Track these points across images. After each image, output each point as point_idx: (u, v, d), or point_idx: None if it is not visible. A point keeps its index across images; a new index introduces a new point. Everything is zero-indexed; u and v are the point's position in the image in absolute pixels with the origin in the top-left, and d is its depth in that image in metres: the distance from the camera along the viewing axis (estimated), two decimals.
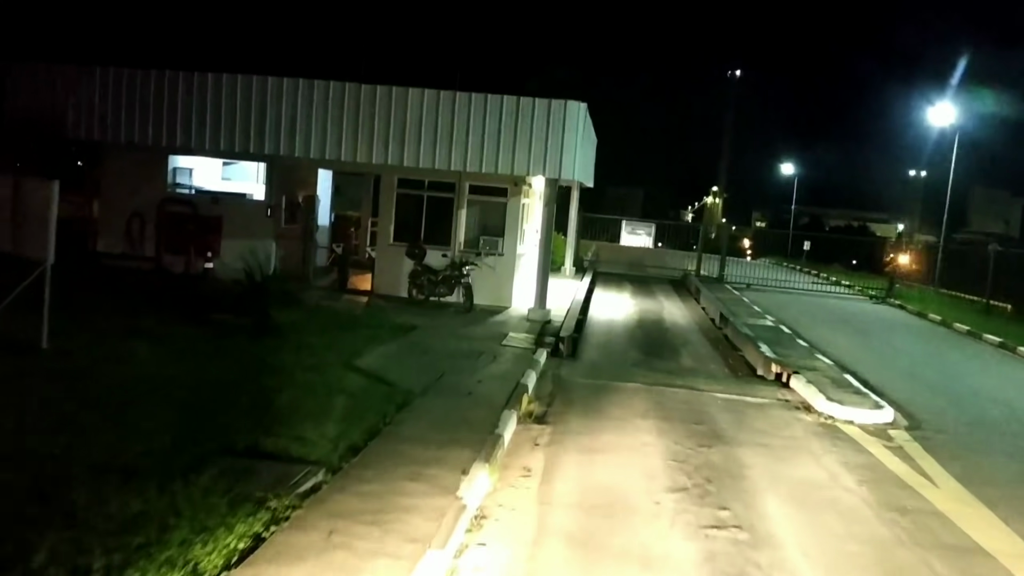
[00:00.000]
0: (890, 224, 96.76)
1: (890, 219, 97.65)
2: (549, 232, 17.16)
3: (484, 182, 18.41)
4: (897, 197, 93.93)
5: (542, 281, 17.03)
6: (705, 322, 19.59)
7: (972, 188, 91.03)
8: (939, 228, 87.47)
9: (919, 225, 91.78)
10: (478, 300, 18.19)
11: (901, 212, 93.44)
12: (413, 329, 14.66)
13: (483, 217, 18.77)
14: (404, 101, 16.63)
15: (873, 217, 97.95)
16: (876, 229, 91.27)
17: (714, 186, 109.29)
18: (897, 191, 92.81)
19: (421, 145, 16.64)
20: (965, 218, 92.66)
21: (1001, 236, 79.00)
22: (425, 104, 16.59)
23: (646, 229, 28.18)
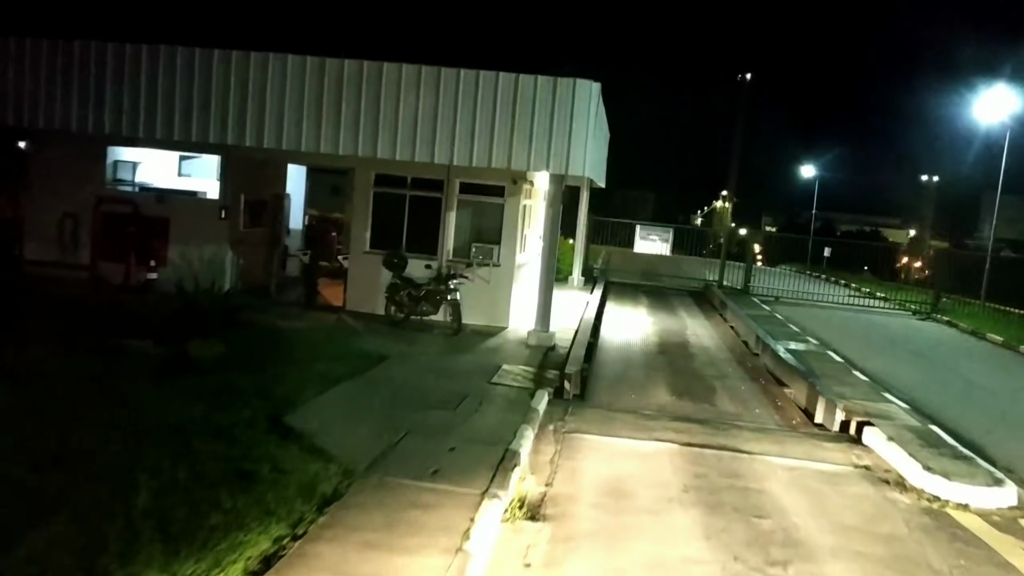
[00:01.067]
0: (902, 229, 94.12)
1: (902, 224, 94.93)
2: (554, 239, 14.08)
3: (478, 179, 15.37)
4: (908, 202, 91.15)
5: (545, 297, 13.97)
6: (737, 346, 16.47)
7: (985, 193, 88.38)
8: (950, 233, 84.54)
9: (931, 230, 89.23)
10: (469, 319, 15.14)
11: (913, 217, 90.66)
12: (382, 360, 11.62)
13: (476, 221, 15.72)
14: (378, 78, 13.55)
15: (885, 222, 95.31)
16: (888, 234, 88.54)
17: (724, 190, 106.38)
18: (909, 195, 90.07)
19: (399, 132, 13.56)
20: (977, 224, 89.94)
21: (1014, 242, 75.97)
22: (404, 82, 13.51)
23: (662, 235, 25.08)
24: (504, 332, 14.91)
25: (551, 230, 13.98)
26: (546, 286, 13.95)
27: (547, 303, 13.96)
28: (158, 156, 16.74)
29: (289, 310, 14.96)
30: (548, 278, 13.95)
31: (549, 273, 13.96)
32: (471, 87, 13.34)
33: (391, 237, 15.61)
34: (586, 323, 16.28)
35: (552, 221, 13.95)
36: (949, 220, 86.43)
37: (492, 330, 14.92)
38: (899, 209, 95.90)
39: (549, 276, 13.96)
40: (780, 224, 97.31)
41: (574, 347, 13.63)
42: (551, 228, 13.98)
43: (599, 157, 17.77)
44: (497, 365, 12.07)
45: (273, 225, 17.53)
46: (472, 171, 14.99)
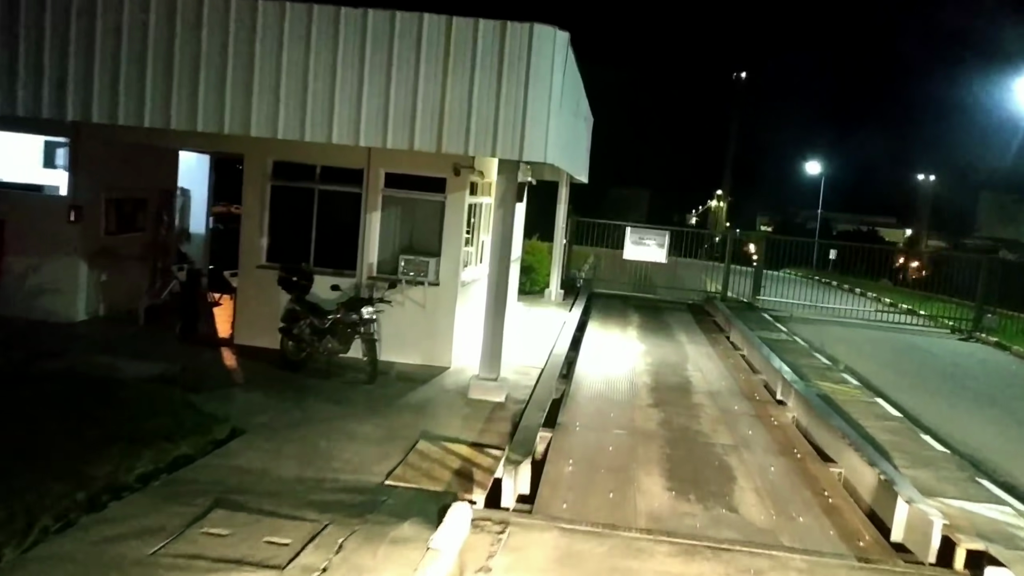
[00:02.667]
0: (899, 229, 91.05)
1: (898, 223, 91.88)
2: (505, 249, 9.96)
3: (409, 168, 11.31)
4: (904, 201, 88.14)
5: (493, 331, 9.91)
6: (754, 387, 12.38)
7: (980, 193, 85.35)
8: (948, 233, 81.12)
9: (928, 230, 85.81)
10: (399, 357, 11.14)
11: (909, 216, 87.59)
12: (230, 439, 7.54)
13: (409, 224, 11.68)
14: (250, 21, 9.40)
15: (881, 221, 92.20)
16: (885, 233, 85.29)
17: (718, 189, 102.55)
18: (905, 194, 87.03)
19: (284, 99, 9.42)
20: (974, 223, 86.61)
21: (1011, 242, 72.40)
22: (289, 26, 9.40)
23: (657, 239, 20.95)
24: (443, 376, 10.87)
25: (500, 240, 9.90)
26: (493, 316, 9.89)
27: (495, 339, 9.90)
28: (14, 141, 12.63)
29: (152, 347, 10.90)
30: (496, 305, 9.89)
31: (498, 298, 9.89)
32: (383, 35, 9.23)
33: (295, 246, 11.55)
34: (556, 359, 12.21)
35: (502, 226, 9.86)
36: (946, 219, 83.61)
37: (427, 373, 10.89)
38: (895, 208, 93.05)
39: (498, 303, 9.90)
40: (776, 224, 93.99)
41: (532, 404, 9.59)
42: (500, 237, 9.90)
43: (573, 141, 13.67)
44: (412, 440, 8.05)
45: (157, 231, 13.47)
46: (401, 157, 10.97)
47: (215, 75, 9.30)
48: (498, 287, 9.86)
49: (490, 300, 9.89)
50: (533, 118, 9.19)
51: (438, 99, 9.19)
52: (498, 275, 9.86)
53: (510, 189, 9.80)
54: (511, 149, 9.25)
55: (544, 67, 9.22)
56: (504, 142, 9.23)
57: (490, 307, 9.90)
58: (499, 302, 9.87)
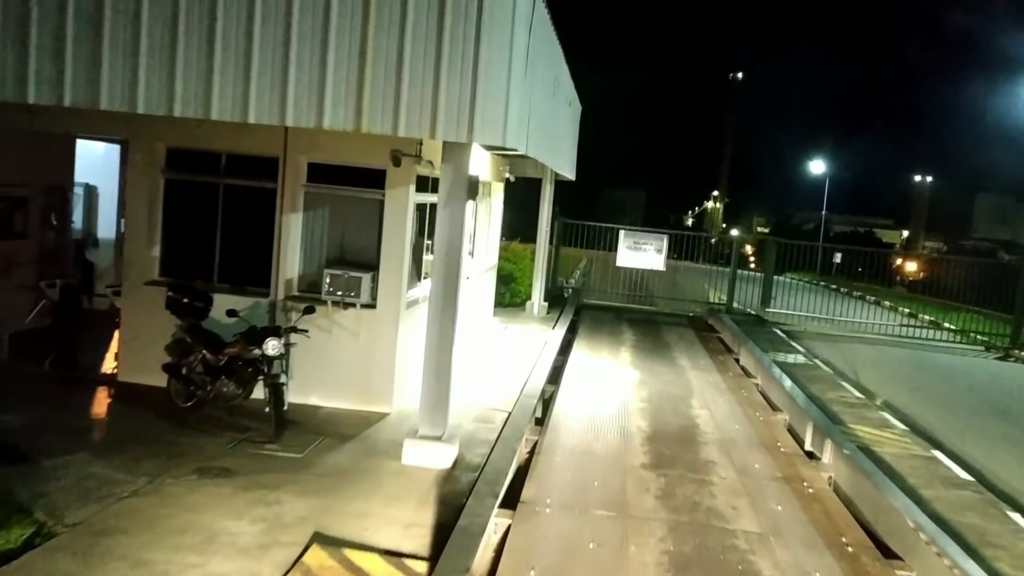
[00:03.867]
0: (895, 230, 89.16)
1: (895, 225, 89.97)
2: (452, 260, 7.31)
3: (338, 157, 8.77)
4: (901, 202, 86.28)
5: (437, 371, 7.37)
6: (776, 433, 9.79)
7: (977, 195, 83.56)
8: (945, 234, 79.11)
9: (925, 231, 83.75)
10: (327, 399, 8.61)
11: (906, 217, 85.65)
12: (25, 549, 5.09)
13: (339, 229, 9.13)
14: None
15: (878, 223, 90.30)
16: (882, 235, 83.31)
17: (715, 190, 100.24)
18: (901, 196, 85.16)
19: (181, 63, 6.91)
20: (971, 225, 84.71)
21: (1008, 244, 70.25)
22: None
23: (655, 243, 18.39)
24: (378, 427, 8.32)
25: (445, 249, 7.33)
26: (437, 353, 7.32)
27: (440, 383, 7.35)
28: None
29: (6, 387, 8.35)
30: (440, 338, 7.32)
31: (443, 328, 7.32)
32: None
33: (196, 257, 9.01)
34: (529, 397, 9.64)
35: (448, 231, 7.31)
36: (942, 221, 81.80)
37: (358, 423, 8.35)
38: (891, 209, 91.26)
39: (443, 335, 7.33)
40: (772, 225, 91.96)
41: (488, 472, 7.05)
42: (446, 245, 7.34)
43: (551, 126, 11.05)
44: (301, 544, 5.52)
45: (43, 236, 10.91)
46: (327, 142, 8.46)
47: (86, 33, 6.73)
48: (443, 314, 7.31)
49: (433, 331, 7.33)
50: (487, 88, 6.64)
51: (355, 62, 6.64)
52: (443, 297, 7.30)
53: (459, 183, 7.24)
54: (456, 128, 6.69)
55: (502, 19, 6.66)
56: (447, 119, 6.67)
57: (433, 340, 7.34)
58: (444, 334, 7.32)
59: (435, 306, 7.31)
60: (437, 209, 7.30)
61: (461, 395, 9.51)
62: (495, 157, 13.69)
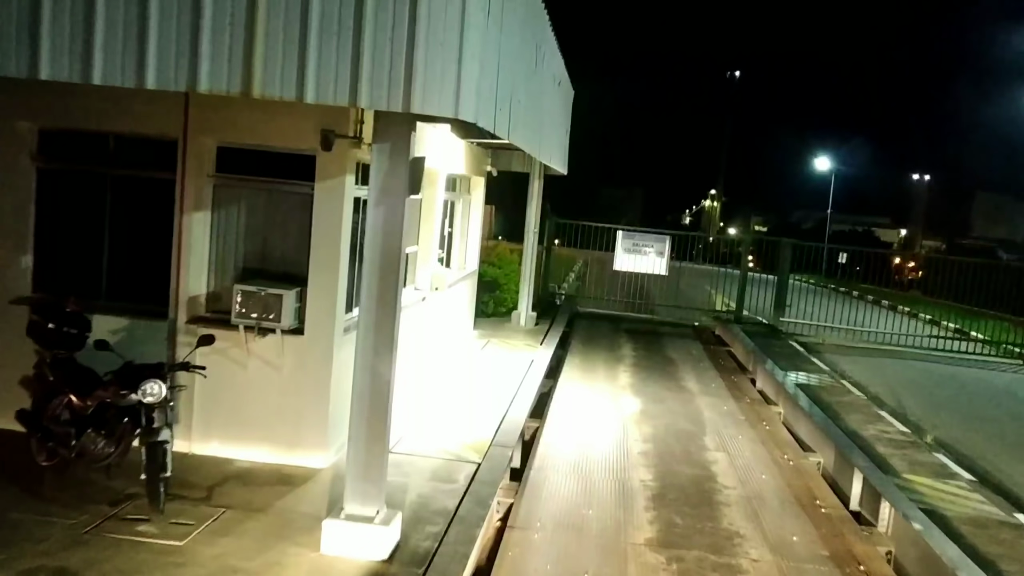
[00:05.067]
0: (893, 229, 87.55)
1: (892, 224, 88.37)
2: (388, 272, 5.25)
3: (255, 139, 6.79)
4: (898, 201, 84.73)
5: (369, 425, 5.37)
6: (811, 484, 7.80)
7: (976, 194, 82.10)
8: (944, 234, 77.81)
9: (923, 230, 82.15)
10: (243, 449, 6.64)
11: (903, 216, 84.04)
12: None
13: (259, 232, 7.16)
14: None
15: (876, 222, 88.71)
16: (880, 234, 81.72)
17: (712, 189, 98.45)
18: (899, 194, 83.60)
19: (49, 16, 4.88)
20: (969, 224, 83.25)
21: (1007, 243, 68.61)
22: None
23: (657, 245, 16.39)
24: (303, 490, 6.33)
25: (379, 258, 5.36)
26: (370, 400, 5.34)
27: (372, 443, 5.37)
28: None
29: None
30: (372, 380, 5.34)
31: (375, 367, 5.33)
32: None
33: (78, 268, 7.05)
34: (504, 442, 7.66)
35: (382, 236, 5.32)
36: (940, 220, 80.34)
37: (281, 480, 6.37)
38: (889, 208, 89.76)
39: (375, 375, 5.34)
40: (771, 225, 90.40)
41: (439, 565, 5.10)
42: (379, 254, 5.36)
43: (534, 107, 8.89)
44: None
45: None
46: (240, 119, 6.48)
47: None
48: (376, 349, 5.30)
49: (362, 372, 5.33)
50: (432, 36, 4.66)
51: (243, 1, 4.66)
52: (376, 327, 5.29)
53: (398, 170, 5.23)
54: (387, 93, 4.69)
55: None
56: (374, 80, 4.68)
57: (362, 385, 5.34)
58: (378, 375, 5.32)
59: (365, 339, 5.32)
60: (368, 207, 5.31)
61: (418, 438, 7.55)
62: (472, 147, 11.71)
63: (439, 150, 9.42)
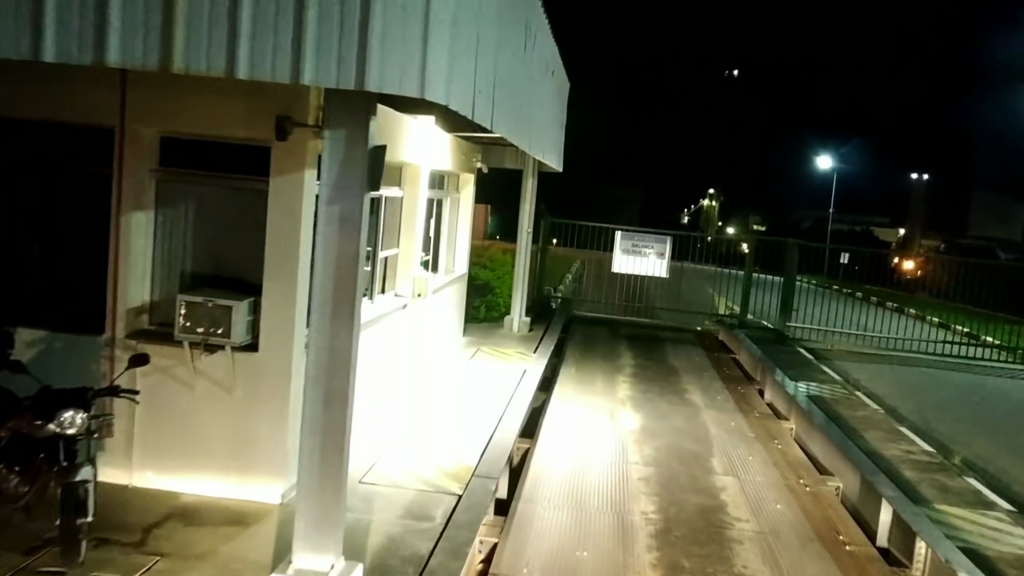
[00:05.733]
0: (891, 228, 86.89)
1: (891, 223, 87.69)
2: (346, 289, 4.42)
3: (201, 127, 5.95)
4: (897, 200, 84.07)
5: (322, 463, 4.48)
6: (833, 515, 6.88)
7: (974, 193, 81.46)
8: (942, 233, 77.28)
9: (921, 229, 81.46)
10: (190, 482, 5.77)
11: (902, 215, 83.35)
12: None
13: (208, 235, 6.33)
14: None
15: (874, 221, 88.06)
16: (878, 233, 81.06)
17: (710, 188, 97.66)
18: (897, 193, 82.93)
19: None
20: (967, 223, 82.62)
21: (1005, 242, 67.92)
22: None
23: (657, 246, 15.56)
24: (254, 531, 5.49)
25: (333, 267, 4.52)
26: (321, 431, 4.49)
27: (328, 482, 4.56)
28: None
29: None
30: (326, 408, 4.50)
31: (329, 394, 4.48)
32: None
33: (2, 276, 6.22)
34: (486, 480, 6.79)
35: (337, 238, 4.48)
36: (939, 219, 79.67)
37: (231, 519, 5.52)
38: (887, 208, 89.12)
39: (329, 403, 4.51)
40: (769, 224, 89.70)
41: None
42: (333, 260, 4.52)
43: (524, 95, 8.04)
44: None
45: None
46: (182, 104, 5.64)
47: None
48: (331, 370, 4.47)
49: (314, 401, 4.50)
50: (390, 2, 3.83)
51: None
52: (330, 342, 4.46)
53: (353, 160, 4.39)
54: (337, 67, 3.85)
55: None
56: (321, 51, 3.84)
57: (314, 413, 4.50)
58: (333, 402, 4.48)
59: (317, 361, 4.47)
60: (319, 204, 4.47)
61: (393, 464, 6.71)
62: (460, 142, 10.87)
63: (422, 144, 8.58)
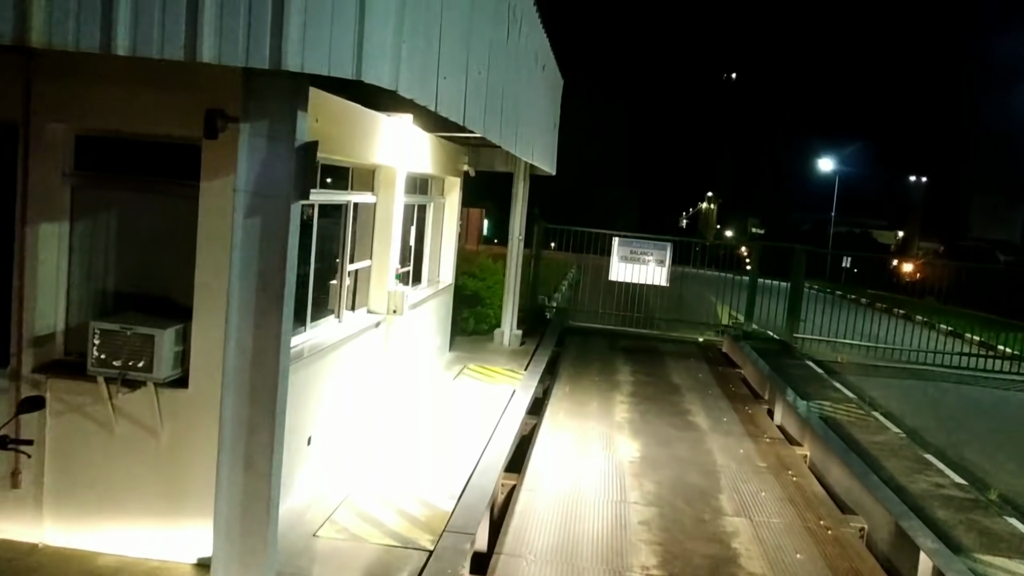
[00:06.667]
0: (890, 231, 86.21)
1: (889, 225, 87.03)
2: (271, 314, 3.59)
3: (121, 122, 5.07)
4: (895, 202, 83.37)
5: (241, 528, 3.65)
6: (860, 567, 6.11)
7: (973, 196, 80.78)
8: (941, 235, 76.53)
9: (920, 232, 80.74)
10: (106, 540, 4.82)
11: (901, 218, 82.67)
12: None
13: (132, 250, 5.44)
14: None
15: (873, 223, 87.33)
16: (877, 235, 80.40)
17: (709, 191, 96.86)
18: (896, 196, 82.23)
19: None
20: (967, 225, 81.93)
21: (1005, 244, 67.13)
22: None
23: (657, 253, 14.65)
24: None
25: (253, 286, 3.64)
26: (242, 494, 3.59)
27: (253, 563, 3.67)
28: None
29: None
30: (248, 465, 3.60)
31: (249, 453, 3.58)
32: None
33: None
34: (460, 536, 5.88)
35: (259, 255, 3.60)
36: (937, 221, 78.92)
37: None
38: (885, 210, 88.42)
39: (252, 457, 3.61)
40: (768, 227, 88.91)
41: None
42: (254, 281, 3.64)
43: (500, 79, 7.12)
44: None
45: None
46: (99, 95, 4.73)
47: None
48: (253, 427, 3.57)
49: (230, 465, 3.60)
50: None
51: None
52: (250, 384, 3.56)
53: (277, 160, 3.49)
54: (247, 43, 2.96)
55: None
56: (226, 22, 2.95)
57: (230, 480, 3.60)
58: (256, 465, 3.58)
59: (234, 410, 3.56)
60: (234, 213, 3.56)
61: (357, 512, 5.80)
62: (443, 143, 9.96)
63: (398, 145, 7.69)
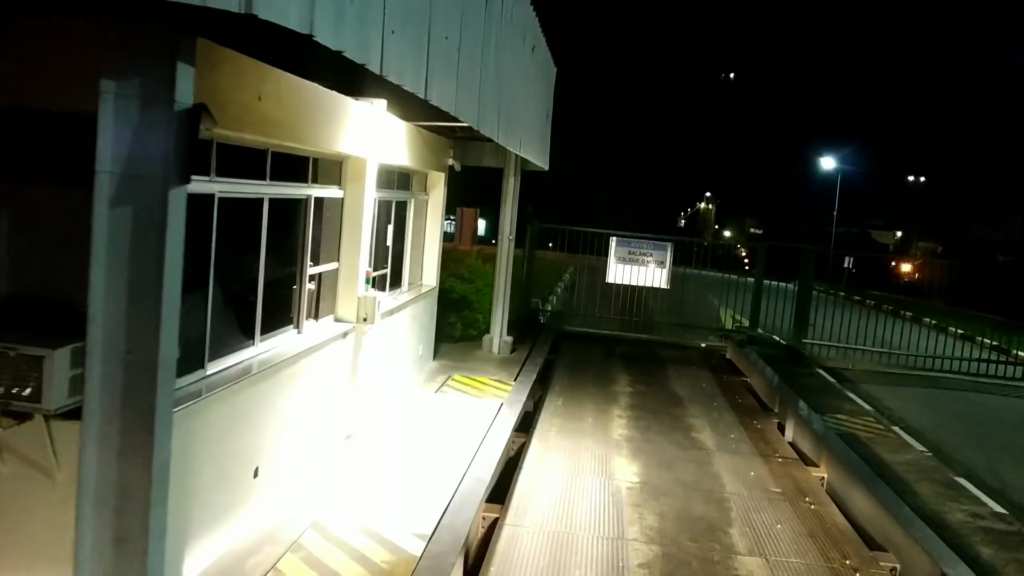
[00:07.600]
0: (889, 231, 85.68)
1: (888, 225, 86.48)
2: (146, 324, 2.71)
3: (6, 90, 4.16)
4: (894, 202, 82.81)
5: None
6: None
7: (973, 196, 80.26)
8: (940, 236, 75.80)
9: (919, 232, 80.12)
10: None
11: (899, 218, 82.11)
12: None
13: (24, 246, 4.54)
14: None
15: (872, 224, 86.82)
16: (876, 236, 79.88)
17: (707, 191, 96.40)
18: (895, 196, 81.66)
19: None
20: (966, 226, 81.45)
21: (1004, 244, 66.54)
22: None
23: (657, 254, 13.72)
24: None
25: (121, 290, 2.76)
26: None
27: None
28: None
29: None
30: (96, 547, 2.72)
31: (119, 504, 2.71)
32: None
33: None
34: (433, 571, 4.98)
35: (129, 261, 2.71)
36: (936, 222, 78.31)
37: None
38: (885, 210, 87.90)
39: (103, 540, 2.71)
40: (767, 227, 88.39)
41: None
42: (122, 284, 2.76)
43: (479, 53, 6.16)
44: None
45: None
46: None
47: None
48: (125, 488, 2.67)
49: (93, 539, 2.69)
50: None
51: None
52: (120, 423, 2.67)
53: (151, 130, 2.59)
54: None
55: None
56: None
57: (93, 549, 2.70)
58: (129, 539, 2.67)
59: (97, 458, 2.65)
60: (95, 198, 2.65)
61: (308, 553, 4.87)
62: (425, 133, 9.05)
63: (369, 133, 6.79)
